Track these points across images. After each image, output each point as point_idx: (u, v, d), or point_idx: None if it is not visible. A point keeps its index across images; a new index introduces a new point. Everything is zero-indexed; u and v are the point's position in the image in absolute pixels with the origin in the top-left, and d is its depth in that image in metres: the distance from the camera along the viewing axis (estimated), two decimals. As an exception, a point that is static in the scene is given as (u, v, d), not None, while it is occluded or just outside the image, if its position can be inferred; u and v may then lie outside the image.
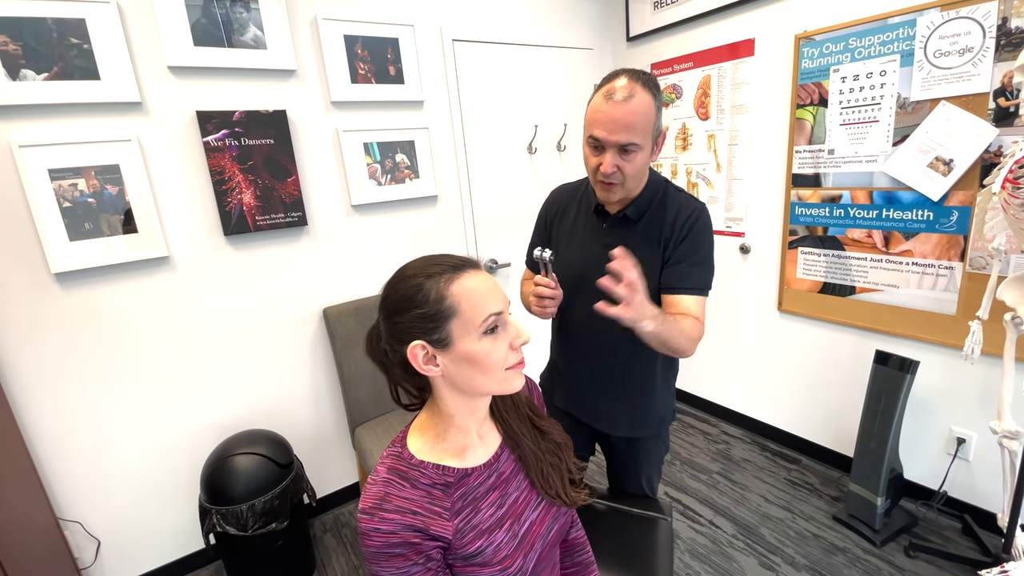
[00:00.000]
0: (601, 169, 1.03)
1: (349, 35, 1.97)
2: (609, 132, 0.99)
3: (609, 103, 0.99)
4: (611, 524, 1.38)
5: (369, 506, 0.67)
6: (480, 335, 0.68)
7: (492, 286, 0.71)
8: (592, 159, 1.04)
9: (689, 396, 2.92)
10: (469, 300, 0.68)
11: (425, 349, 0.69)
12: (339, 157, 2.04)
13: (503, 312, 0.71)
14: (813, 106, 2.03)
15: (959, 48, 1.63)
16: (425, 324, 0.68)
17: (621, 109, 0.98)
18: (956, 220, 1.73)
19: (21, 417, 1.61)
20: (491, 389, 0.73)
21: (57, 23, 1.49)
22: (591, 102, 1.03)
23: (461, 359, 0.69)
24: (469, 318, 0.68)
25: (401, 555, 0.65)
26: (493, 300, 0.70)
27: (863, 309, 2.03)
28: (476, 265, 0.72)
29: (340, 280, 2.12)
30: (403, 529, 0.66)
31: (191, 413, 1.88)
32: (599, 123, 1.00)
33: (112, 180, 1.62)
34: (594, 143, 1.03)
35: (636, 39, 2.69)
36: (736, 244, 2.44)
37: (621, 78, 1.01)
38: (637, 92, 0.98)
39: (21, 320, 1.57)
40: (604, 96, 1.00)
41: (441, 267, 0.69)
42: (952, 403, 1.87)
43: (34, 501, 1.58)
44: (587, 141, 1.04)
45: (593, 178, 1.08)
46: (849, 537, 1.88)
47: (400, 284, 0.70)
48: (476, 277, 0.70)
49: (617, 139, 1.00)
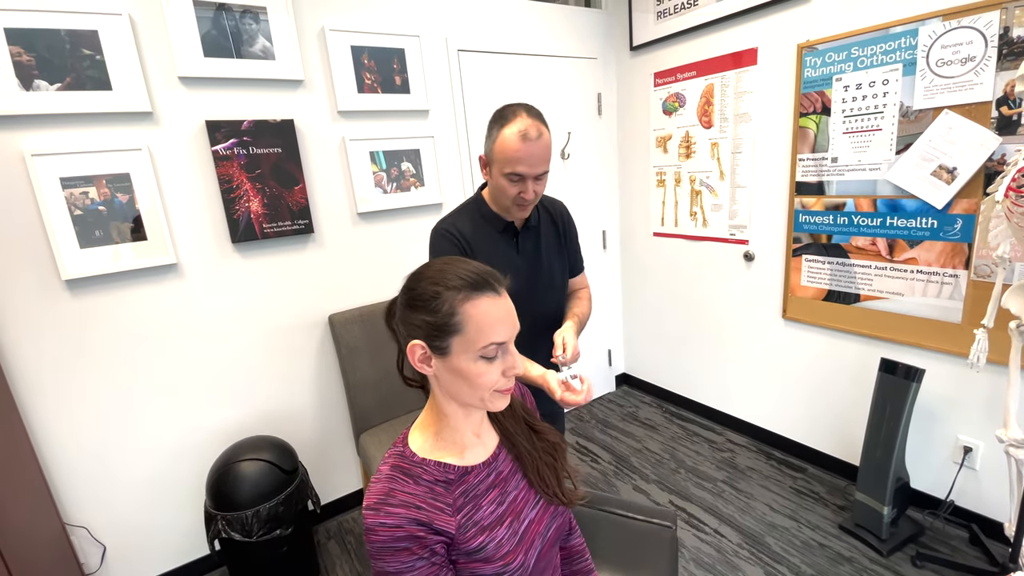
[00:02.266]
0: (525, 196, 1.18)
1: (356, 46, 2.00)
2: (531, 167, 1.14)
3: (527, 143, 1.12)
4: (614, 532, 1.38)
5: (374, 502, 0.69)
6: (477, 357, 0.70)
7: (504, 314, 0.72)
8: (512, 189, 1.17)
9: (693, 404, 2.91)
10: (477, 323, 0.69)
11: (424, 350, 0.71)
12: (345, 165, 2.06)
13: (506, 343, 0.72)
14: (816, 115, 2.04)
15: (961, 57, 1.64)
16: (431, 330, 0.70)
17: (539, 146, 1.13)
18: (960, 228, 1.73)
19: (30, 422, 1.62)
20: (473, 404, 0.75)
21: (70, 34, 1.52)
22: (503, 142, 1.13)
23: (453, 370, 0.71)
24: (472, 339, 0.69)
25: (406, 549, 0.67)
26: (500, 329, 0.71)
27: (868, 317, 2.03)
28: (496, 288, 0.72)
29: (346, 287, 2.14)
30: (408, 523, 0.67)
31: (197, 419, 1.90)
32: (522, 161, 1.13)
33: (122, 188, 1.65)
34: (516, 177, 1.15)
35: (639, 48, 2.72)
36: (740, 252, 2.44)
37: (523, 117, 1.13)
38: (543, 130, 1.14)
39: (31, 326, 1.59)
40: (520, 138, 1.11)
41: (463, 280, 0.70)
42: (958, 411, 1.86)
43: (41, 506, 1.59)
44: (507, 177, 1.15)
45: (509, 203, 1.20)
46: (855, 547, 1.87)
47: (423, 283, 0.72)
48: (492, 302, 0.71)
49: (536, 171, 1.15)
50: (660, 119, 2.69)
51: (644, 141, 2.82)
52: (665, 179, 2.74)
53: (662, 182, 2.76)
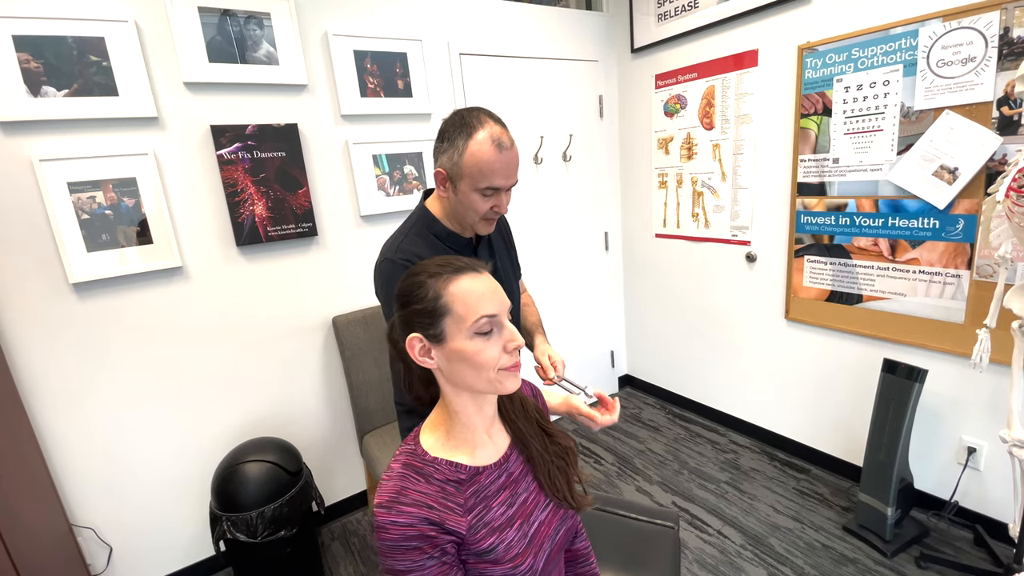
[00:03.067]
0: (499, 210, 1.10)
1: (359, 50, 2.01)
2: (507, 178, 1.06)
3: (503, 153, 1.03)
4: (617, 533, 1.38)
5: (386, 500, 0.69)
6: (471, 334, 0.71)
7: (488, 289, 0.73)
8: (484, 205, 1.08)
9: (696, 405, 2.91)
10: (463, 300, 0.71)
11: (422, 342, 0.73)
12: (348, 169, 2.08)
13: (497, 315, 0.73)
14: (817, 115, 2.04)
15: (962, 58, 1.64)
16: (422, 319, 0.72)
17: (513, 155, 1.06)
18: (962, 228, 1.73)
19: (37, 423, 1.64)
20: (483, 388, 0.74)
21: (77, 41, 1.54)
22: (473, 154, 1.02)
23: (453, 355, 0.72)
24: (462, 317, 0.71)
25: (417, 548, 0.67)
26: (487, 303, 0.72)
27: (870, 317, 2.03)
28: (478, 268, 0.75)
29: (349, 289, 2.15)
30: (420, 522, 0.68)
31: (202, 420, 1.91)
32: (498, 172, 1.04)
33: (129, 193, 1.67)
34: (492, 191, 1.06)
35: (640, 51, 2.73)
36: (742, 252, 2.45)
37: (491, 124, 1.04)
38: (512, 141, 1.06)
39: (39, 329, 1.61)
40: (495, 147, 1.02)
41: (445, 268, 0.73)
42: (962, 412, 1.85)
43: (49, 507, 1.60)
44: (482, 191, 1.06)
45: (477, 219, 1.11)
46: (859, 548, 1.86)
47: (408, 279, 0.75)
48: (475, 279, 0.73)
49: (512, 182, 1.08)
50: (661, 121, 2.70)
51: (646, 143, 2.82)
52: (667, 180, 2.75)
53: (664, 183, 2.77)
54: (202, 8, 1.70)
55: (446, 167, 1.07)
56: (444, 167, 1.08)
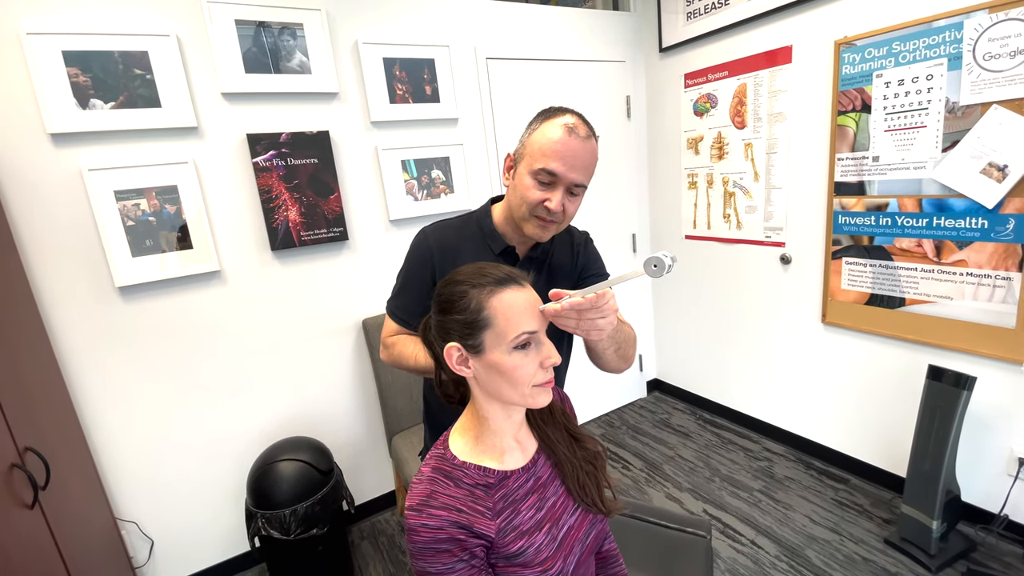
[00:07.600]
0: (549, 206, 0.94)
1: (388, 57, 2.05)
2: (568, 168, 0.92)
3: (572, 137, 0.92)
4: (647, 541, 1.36)
5: (417, 503, 0.70)
6: (511, 349, 0.71)
7: (530, 304, 0.73)
8: (537, 193, 0.94)
9: (728, 410, 2.85)
10: (505, 315, 0.70)
11: (460, 351, 0.73)
12: (378, 174, 2.11)
13: (537, 332, 0.72)
14: (855, 112, 1.97)
15: (1010, 50, 1.56)
16: (463, 329, 0.72)
17: (585, 147, 0.93)
18: (1013, 228, 1.65)
19: (85, 421, 1.72)
20: (516, 401, 0.75)
21: (123, 56, 1.61)
22: (541, 133, 0.94)
23: (491, 367, 0.72)
24: (502, 331, 0.70)
25: (447, 551, 0.68)
26: (528, 319, 0.72)
27: (914, 322, 1.95)
28: (520, 281, 0.74)
29: (379, 292, 2.18)
30: (449, 525, 0.68)
31: (239, 419, 1.97)
32: (559, 155, 0.91)
33: (170, 200, 1.73)
34: (547, 177, 0.93)
35: (669, 50, 2.69)
36: (776, 254, 2.38)
37: (569, 116, 0.95)
38: (592, 135, 0.95)
39: (87, 330, 1.69)
40: (566, 129, 0.92)
41: (488, 278, 0.72)
42: (1013, 421, 1.76)
43: (95, 501, 1.68)
44: (535, 173, 0.93)
45: (529, 213, 0.97)
46: (902, 562, 1.79)
47: (450, 286, 0.74)
48: (517, 293, 0.72)
49: (574, 177, 0.94)
50: (691, 120, 2.66)
51: (675, 143, 2.78)
52: (697, 181, 2.70)
53: (694, 184, 2.72)
54: (239, 21, 1.75)
55: (515, 149, 0.99)
56: (514, 150, 1.00)
